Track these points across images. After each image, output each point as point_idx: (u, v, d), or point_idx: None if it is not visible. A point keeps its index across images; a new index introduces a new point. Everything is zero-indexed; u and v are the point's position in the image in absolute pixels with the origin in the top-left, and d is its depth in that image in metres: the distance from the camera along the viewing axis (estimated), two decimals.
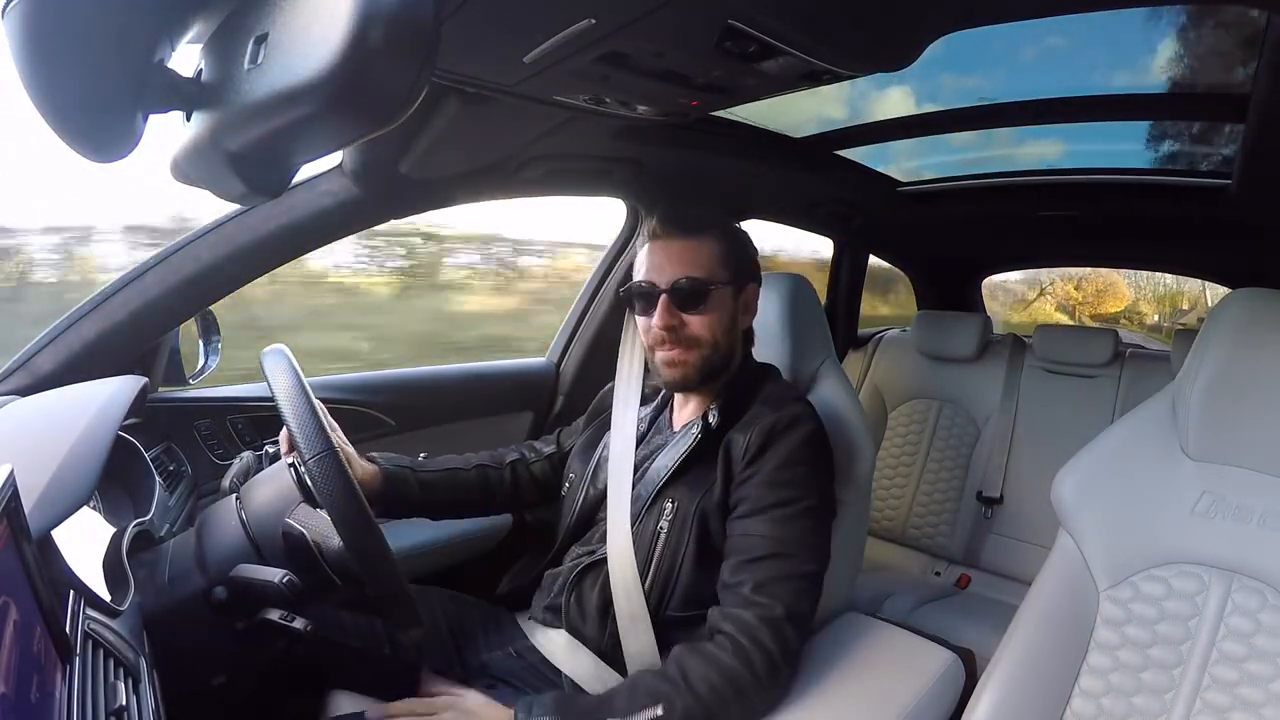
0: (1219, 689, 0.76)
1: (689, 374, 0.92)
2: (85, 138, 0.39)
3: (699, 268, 0.90)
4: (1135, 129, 1.34)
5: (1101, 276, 12.64)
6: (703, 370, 0.92)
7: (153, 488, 0.92)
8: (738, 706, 0.75)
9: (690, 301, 0.90)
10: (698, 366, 0.91)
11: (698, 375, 0.92)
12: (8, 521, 0.47)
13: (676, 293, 0.89)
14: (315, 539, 0.79)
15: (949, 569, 1.92)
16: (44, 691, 0.46)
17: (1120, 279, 12.59)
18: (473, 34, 0.70)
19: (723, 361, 0.93)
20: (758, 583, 0.78)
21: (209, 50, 0.43)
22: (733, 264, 0.93)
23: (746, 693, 0.75)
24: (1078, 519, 0.85)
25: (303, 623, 0.76)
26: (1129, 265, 2.36)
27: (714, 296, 0.90)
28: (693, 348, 0.91)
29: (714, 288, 0.90)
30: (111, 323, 1.00)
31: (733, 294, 0.93)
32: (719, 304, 0.91)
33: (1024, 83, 1.20)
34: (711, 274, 0.90)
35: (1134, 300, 13.44)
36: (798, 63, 0.79)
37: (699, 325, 0.90)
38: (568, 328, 1.62)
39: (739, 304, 0.94)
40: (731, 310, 0.93)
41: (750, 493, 0.83)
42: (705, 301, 0.90)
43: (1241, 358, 0.78)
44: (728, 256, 0.92)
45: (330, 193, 1.07)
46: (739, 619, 0.77)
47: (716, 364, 0.93)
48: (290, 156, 0.40)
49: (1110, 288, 13.16)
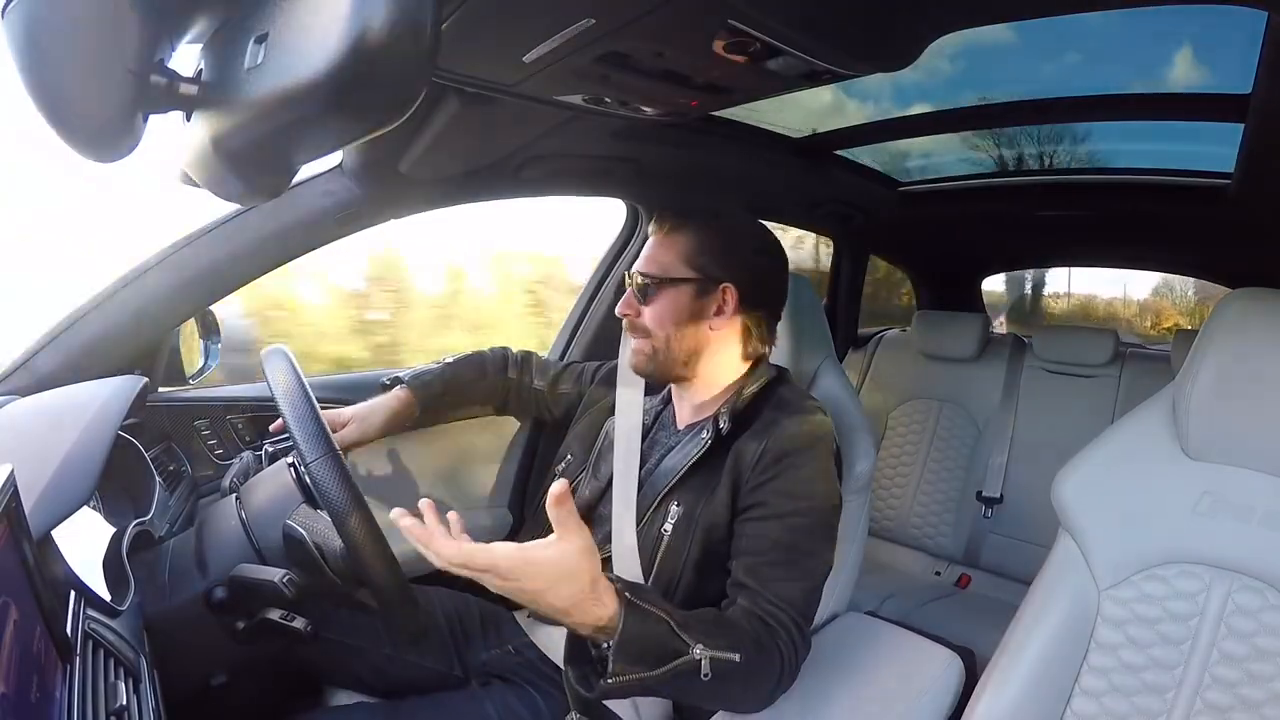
0: (1220, 688, 0.76)
1: (641, 362, 0.94)
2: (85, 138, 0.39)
3: (655, 264, 0.92)
4: (1135, 129, 1.34)
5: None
6: (654, 361, 0.93)
7: (153, 488, 0.92)
8: (760, 692, 0.76)
9: (644, 294, 0.92)
10: (649, 356, 0.93)
11: (649, 364, 0.94)
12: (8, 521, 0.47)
13: (636, 285, 0.93)
14: (316, 541, 0.79)
15: (949, 569, 1.92)
16: (44, 691, 0.46)
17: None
18: (473, 34, 0.70)
19: (679, 357, 0.93)
20: (779, 588, 0.78)
21: (209, 50, 0.43)
22: (703, 260, 0.91)
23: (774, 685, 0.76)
24: (1078, 519, 0.85)
25: (303, 623, 0.76)
26: (1129, 265, 2.35)
27: (663, 292, 0.91)
28: (645, 337, 0.93)
29: (666, 283, 0.91)
30: (111, 323, 1.00)
31: (694, 292, 0.91)
32: (668, 299, 0.91)
33: (1024, 83, 1.20)
34: (665, 270, 0.91)
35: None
36: (798, 63, 0.79)
37: (648, 317, 0.92)
38: (568, 327, 1.62)
39: (705, 303, 0.91)
40: (689, 307, 0.91)
41: (768, 498, 0.82)
42: (654, 296, 0.92)
43: (1241, 358, 0.78)
44: (697, 254, 0.91)
45: (330, 193, 1.07)
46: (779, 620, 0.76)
47: (668, 357, 0.93)
48: (290, 156, 0.40)
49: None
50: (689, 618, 0.71)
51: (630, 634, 0.65)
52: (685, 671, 0.67)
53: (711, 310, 0.92)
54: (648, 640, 0.66)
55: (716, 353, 0.94)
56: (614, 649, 0.65)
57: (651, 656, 0.66)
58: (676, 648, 0.68)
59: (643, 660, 0.66)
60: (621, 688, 0.66)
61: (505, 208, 1.37)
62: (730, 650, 0.70)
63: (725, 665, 0.69)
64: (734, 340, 0.95)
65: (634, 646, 0.66)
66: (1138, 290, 5.14)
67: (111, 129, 0.39)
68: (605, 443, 1.01)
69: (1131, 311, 5.13)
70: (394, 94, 0.34)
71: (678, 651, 0.67)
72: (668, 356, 0.93)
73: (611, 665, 0.65)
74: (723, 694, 0.74)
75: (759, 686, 0.75)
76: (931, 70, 1.15)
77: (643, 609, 0.67)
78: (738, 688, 0.73)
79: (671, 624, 0.68)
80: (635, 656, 0.66)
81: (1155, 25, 0.99)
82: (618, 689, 0.66)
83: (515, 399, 1.23)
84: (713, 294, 0.92)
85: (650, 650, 0.67)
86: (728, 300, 0.92)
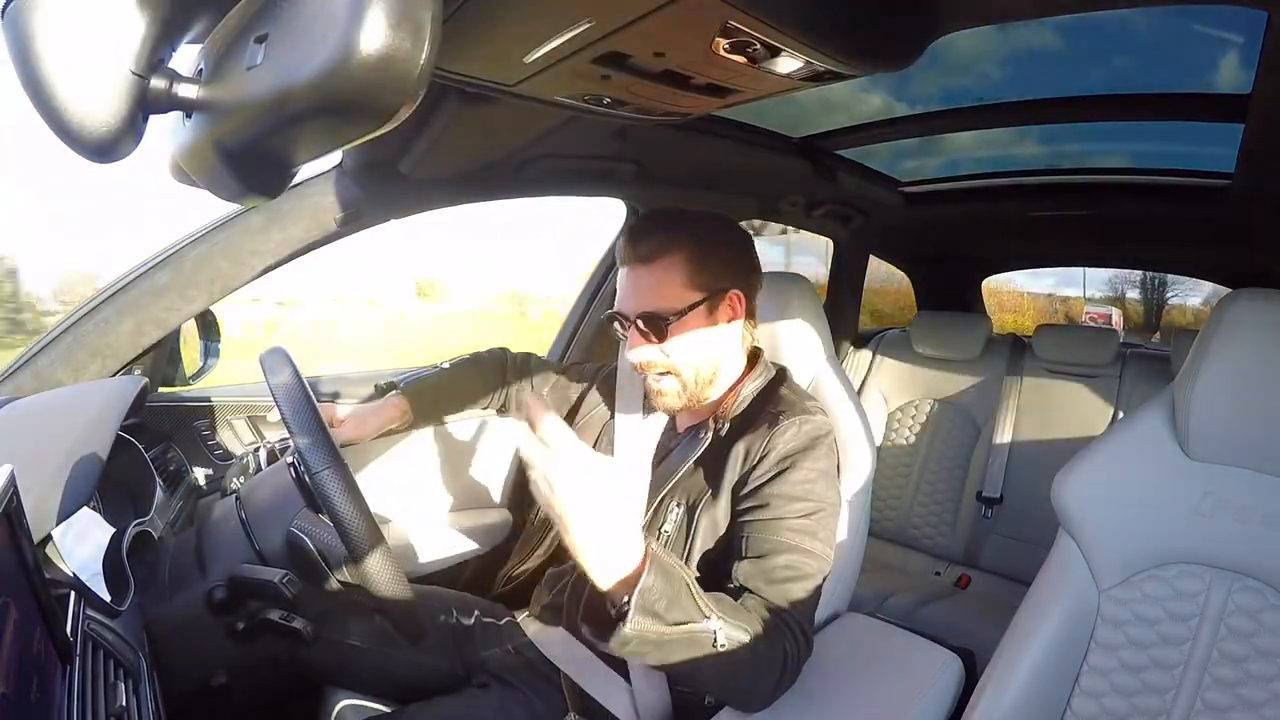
0: (1220, 688, 0.76)
1: (672, 402, 0.91)
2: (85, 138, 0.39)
3: (660, 298, 0.87)
4: (1136, 129, 1.34)
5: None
6: (685, 393, 0.91)
7: (153, 488, 0.92)
8: (765, 685, 0.75)
9: (657, 333, 0.88)
10: (679, 392, 0.90)
11: (680, 400, 0.91)
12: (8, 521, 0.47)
13: (643, 325, 0.88)
14: (319, 547, 0.79)
15: (949, 569, 1.92)
16: (44, 692, 0.46)
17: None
18: (473, 34, 0.70)
19: (707, 378, 0.91)
20: (780, 589, 0.78)
21: (209, 50, 0.43)
22: (702, 278, 0.88)
23: (776, 680, 0.75)
24: (1078, 519, 0.85)
25: (303, 623, 0.76)
26: (1129, 265, 2.36)
27: (681, 323, 0.87)
28: (666, 375, 0.90)
29: (679, 316, 0.87)
30: (111, 323, 1.00)
31: (706, 311, 0.89)
32: (688, 328, 0.88)
33: (1024, 82, 1.20)
34: (674, 301, 0.87)
35: None
36: (798, 63, 0.79)
37: (671, 357, 0.89)
38: (567, 329, 1.62)
39: (716, 316, 0.90)
40: (706, 327, 0.90)
41: (767, 499, 0.82)
42: (669, 331, 0.87)
43: (1241, 358, 0.78)
44: (697, 272, 0.88)
45: (330, 193, 1.07)
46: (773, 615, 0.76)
47: (698, 384, 0.91)
48: (290, 156, 0.40)
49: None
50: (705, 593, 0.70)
51: (652, 585, 0.64)
52: (700, 637, 0.67)
53: (723, 319, 0.91)
54: (668, 595, 0.65)
55: (730, 357, 0.94)
56: (635, 597, 0.63)
57: (670, 614, 0.65)
58: (692, 613, 0.67)
59: (661, 617, 0.65)
60: (639, 638, 0.64)
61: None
62: (743, 630, 0.70)
63: (737, 642, 0.69)
64: (738, 337, 0.94)
65: (654, 598, 0.64)
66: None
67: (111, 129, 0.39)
68: (606, 445, 1.01)
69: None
70: (394, 95, 0.34)
71: (693, 617, 0.67)
72: (699, 384, 0.91)
73: (632, 614, 0.63)
74: (729, 675, 0.73)
75: (765, 676, 0.74)
76: (932, 70, 1.14)
77: (666, 563, 0.67)
78: (745, 671, 0.72)
79: (690, 586, 0.68)
80: (654, 611, 0.64)
81: (1155, 25, 0.99)
82: (635, 640, 0.64)
83: (514, 402, 1.23)
84: (721, 304, 0.91)
85: (670, 607, 0.65)
86: (736, 305, 0.91)
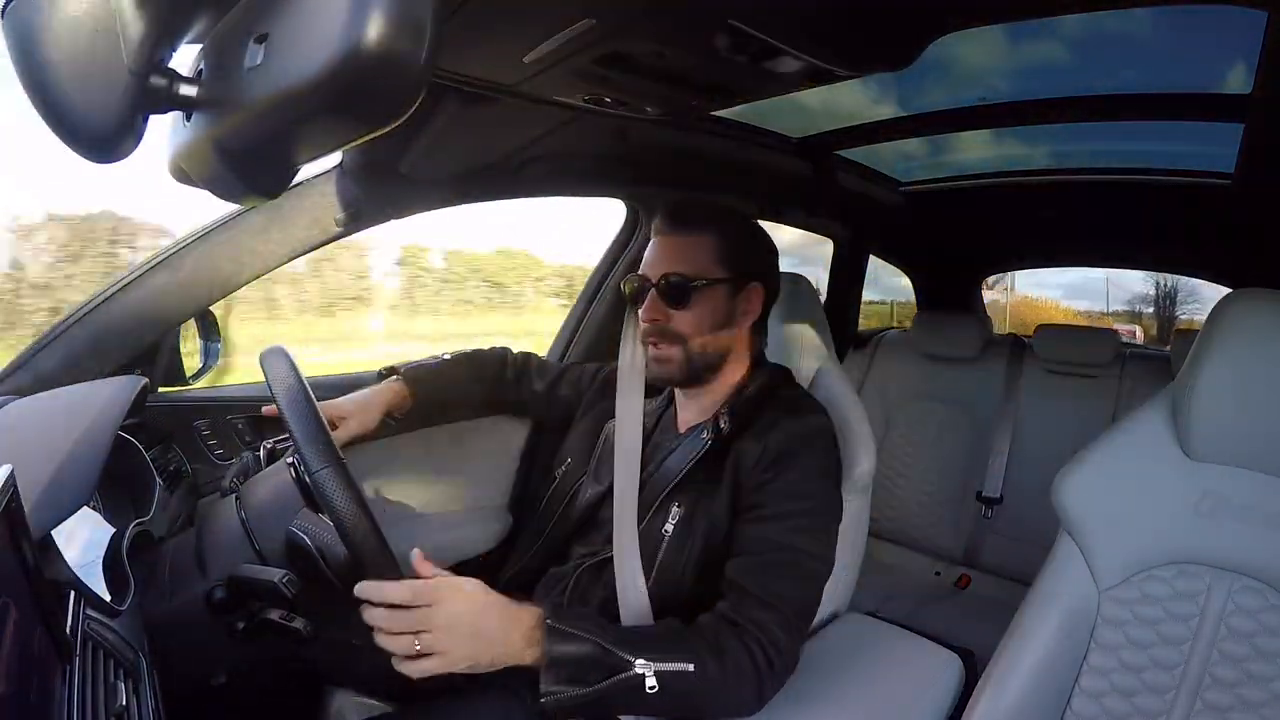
0: (1220, 689, 0.76)
1: (673, 371, 0.91)
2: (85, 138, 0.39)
3: (688, 264, 0.89)
4: (1136, 129, 1.34)
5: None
6: (687, 367, 0.91)
7: (153, 488, 0.92)
8: (741, 696, 0.75)
9: (677, 298, 0.89)
10: (681, 363, 0.90)
11: (681, 372, 0.91)
12: (8, 521, 0.47)
13: (664, 288, 0.89)
14: (319, 547, 0.79)
15: (949, 569, 1.92)
16: (44, 692, 0.46)
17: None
18: (473, 34, 0.70)
19: (712, 361, 0.92)
20: (772, 586, 0.78)
21: (209, 50, 0.43)
22: (732, 261, 0.90)
23: (756, 688, 0.75)
24: (1079, 519, 0.85)
25: (303, 623, 0.76)
26: (1129, 265, 2.36)
27: (702, 294, 0.89)
28: (676, 343, 0.90)
29: (702, 284, 0.88)
30: (111, 323, 0.99)
31: (727, 292, 0.90)
32: (707, 301, 0.89)
33: (1024, 83, 1.20)
34: (701, 271, 0.89)
35: None
36: (798, 63, 0.79)
37: (683, 322, 0.89)
38: (568, 327, 1.62)
39: (736, 303, 0.91)
40: (724, 309, 0.91)
41: (768, 499, 0.82)
42: (691, 298, 0.89)
43: (1241, 358, 0.78)
44: (726, 253, 0.90)
45: (330, 193, 1.07)
46: (757, 620, 0.76)
47: (702, 363, 0.91)
48: (290, 157, 0.40)
49: None
50: (633, 633, 0.74)
51: (556, 655, 0.69)
52: (627, 686, 0.70)
53: (741, 311, 0.92)
54: (576, 660, 0.70)
55: (737, 354, 0.94)
56: (542, 670, 0.69)
57: (583, 675, 0.69)
58: (613, 664, 0.70)
59: (574, 680, 0.69)
60: (557, 704, 0.69)
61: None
62: (683, 661, 0.71)
63: (678, 676, 0.71)
64: (748, 340, 0.95)
65: (562, 667, 0.69)
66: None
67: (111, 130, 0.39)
68: (605, 446, 1.01)
69: None
70: (394, 95, 0.34)
71: (615, 668, 0.70)
72: (701, 362, 0.91)
73: (542, 685, 0.69)
74: (686, 704, 0.74)
75: (732, 692, 0.74)
76: (931, 70, 1.14)
77: (565, 631, 0.70)
78: (702, 697, 0.73)
79: (601, 643, 0.70)
80: (565, 677, 0.69)
81: (1155, 25, 0.99)
82: (553, 706, 0.69)
83: (513, 401, 1.22)
84: (742, 294, 0.92)
85: (582, 669, 0.70)
86: (754, 300, 0.92)
